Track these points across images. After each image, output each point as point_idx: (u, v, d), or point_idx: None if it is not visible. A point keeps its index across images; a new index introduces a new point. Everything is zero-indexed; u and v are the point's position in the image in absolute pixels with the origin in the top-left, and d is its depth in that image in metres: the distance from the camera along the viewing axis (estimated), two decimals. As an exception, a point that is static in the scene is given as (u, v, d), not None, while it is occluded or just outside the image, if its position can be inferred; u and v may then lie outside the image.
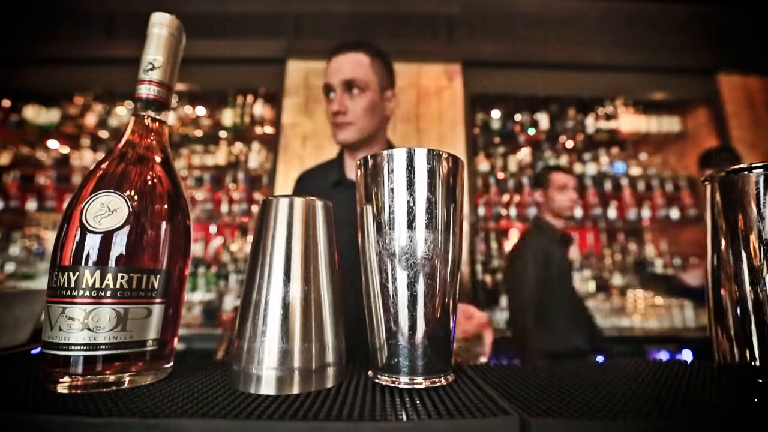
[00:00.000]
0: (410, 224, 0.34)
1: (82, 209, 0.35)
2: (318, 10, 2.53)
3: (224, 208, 2.47)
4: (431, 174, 0.35)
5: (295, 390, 0.33)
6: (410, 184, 0.35)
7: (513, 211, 2.52)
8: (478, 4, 2.59)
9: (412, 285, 0.34)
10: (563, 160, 2.67)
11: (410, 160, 0.35)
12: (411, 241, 0.34)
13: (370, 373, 0.38)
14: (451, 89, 2.45)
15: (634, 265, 2.61)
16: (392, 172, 0.35)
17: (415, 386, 0.34)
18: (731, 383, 0.35)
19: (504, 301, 2.39)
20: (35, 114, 2.57)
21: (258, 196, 2.53)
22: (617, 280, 2.54)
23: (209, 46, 2.39)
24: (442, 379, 0.35)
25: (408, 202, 0.35)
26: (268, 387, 0.33)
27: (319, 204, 0.38)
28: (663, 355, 2.12)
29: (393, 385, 0.34)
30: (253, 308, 0.35)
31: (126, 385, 0.34)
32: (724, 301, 0.37)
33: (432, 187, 0.35)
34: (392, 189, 0.35)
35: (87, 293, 0.33)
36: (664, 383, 0.35)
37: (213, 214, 2.48)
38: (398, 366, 0.34)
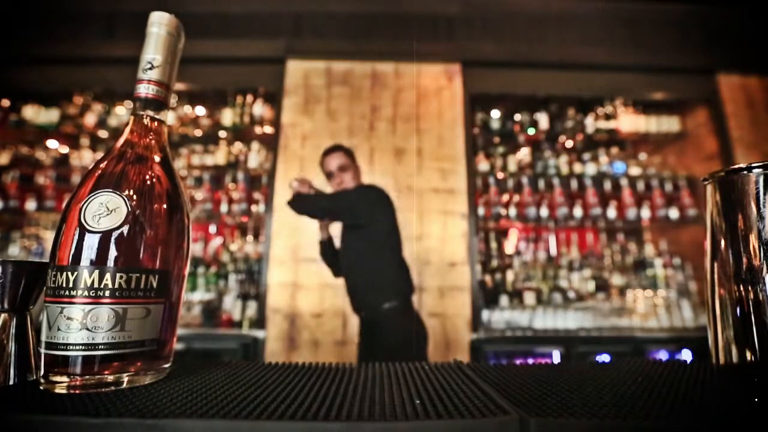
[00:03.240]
0: None
1: (81, 209, 0.35)
2: (318, 10, 2.53)
3: (224, 208, 2.46)
4: None
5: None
6: None
7: (513, 211, 2.52)
8: (477, 4, 2.59)
9: None
10: (563, 160, 2.68)
11: None
12: None
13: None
14: (451, 89, 2.45)
15: (634, 265, 2.61)
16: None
17: None
18: (731, 383, 0.35)
19: (504, 300, 2.40)
20: (34, 114, 2.57)
21: (258, 196, 2.53)
22: (617, 280, 2.54)
23: (209, 45, 2.39)
24: None
25: None
26: None
27: None
28: (663, 355, 2.12)
29: None
30: None
31: (125, 385, 0.34)
32: (723, 301, 0.37)
33: None
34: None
35: (86, 293, 0.33)
36: (664, 383, 0.35)
37: (213, 214, 2.48)
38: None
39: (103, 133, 2.64)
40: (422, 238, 2.29)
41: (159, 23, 0.41)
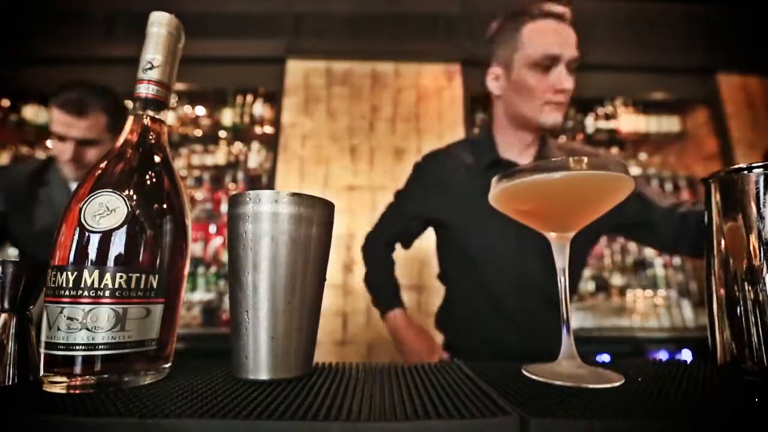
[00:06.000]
0: None
1: (81, 208, 0.35)
2: (318, 10, 2.52)
3: (224, 207, 2.46)
4: None
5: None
6: None
7: (513, 211, 2.52)
8: (478, 4, 2.58)
9: None
10: (563, 160, 2.67)
11: None
12: None
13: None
14: (451, 89, 2.45)
15: (634, 265, 2.61)
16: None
17: None
18: (731, 383, 0.35)
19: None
20: (34, 114, 2.57)
21: (258, 195, 2.52)
22: (617, 280, 2.54)
23: (209, 45, 2.39)
24: None
25: None
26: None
27: None
28: (663, 355, 2.12)
29: None
30: None
31: (125, 385, 0.34)
32: (724, 301, 0.37)
33: None
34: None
35: (85, 293, 0.33)
36: (664, 383, 0.35)
37: (213, 213, 2.48)
38: None
39: (103, 133, 2.64)
40: (422, 237, 2.31)
41: (159, 23, 0.41)
